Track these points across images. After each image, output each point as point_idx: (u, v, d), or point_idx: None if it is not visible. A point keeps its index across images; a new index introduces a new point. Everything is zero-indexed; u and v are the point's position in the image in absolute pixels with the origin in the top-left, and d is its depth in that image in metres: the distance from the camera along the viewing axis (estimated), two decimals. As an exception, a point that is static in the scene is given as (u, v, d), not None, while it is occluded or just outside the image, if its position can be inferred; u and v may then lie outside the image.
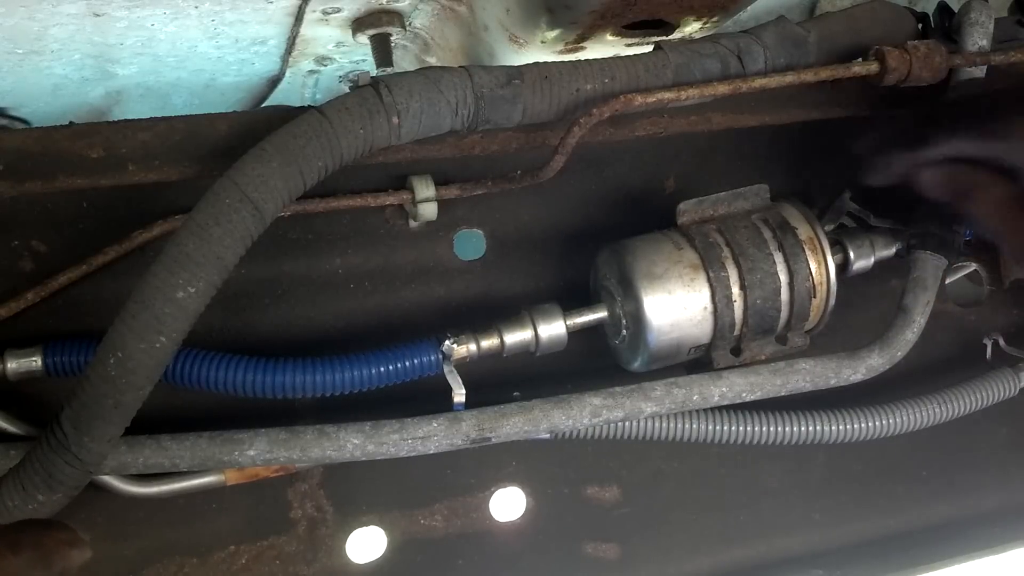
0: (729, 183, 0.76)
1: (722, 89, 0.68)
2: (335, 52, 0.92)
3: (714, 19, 0.79)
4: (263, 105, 1.03)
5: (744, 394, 0.75)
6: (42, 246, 0.70)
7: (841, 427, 0.82)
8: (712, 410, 0.80)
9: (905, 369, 0.79)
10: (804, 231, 0.75)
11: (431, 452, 0.70)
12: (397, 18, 0.83)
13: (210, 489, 0.74)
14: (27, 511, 0.58)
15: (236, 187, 0.58)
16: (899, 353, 0.77)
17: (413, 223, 0.77)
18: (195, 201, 0.58)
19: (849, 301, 0.78)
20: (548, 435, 0.74)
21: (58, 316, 0.71)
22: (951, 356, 0.95)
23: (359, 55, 0.93)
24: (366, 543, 0.82)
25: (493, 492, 0.85)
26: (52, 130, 0.63)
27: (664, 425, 0.79)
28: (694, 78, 0.69)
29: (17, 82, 0.86)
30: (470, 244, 0.81)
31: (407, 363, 0.72)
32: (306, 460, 0.69)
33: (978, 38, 0.75)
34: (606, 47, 0.81)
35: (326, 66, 0.96)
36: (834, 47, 0.74)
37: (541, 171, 0.69)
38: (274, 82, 0.98)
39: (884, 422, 0.83)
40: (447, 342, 0.72)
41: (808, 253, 0.74)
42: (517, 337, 0.73)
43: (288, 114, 0.63)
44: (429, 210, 0.73)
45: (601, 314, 0.76)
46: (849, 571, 0.93)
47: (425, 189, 0.72)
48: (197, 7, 0.74)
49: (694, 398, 0.74)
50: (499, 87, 0.65)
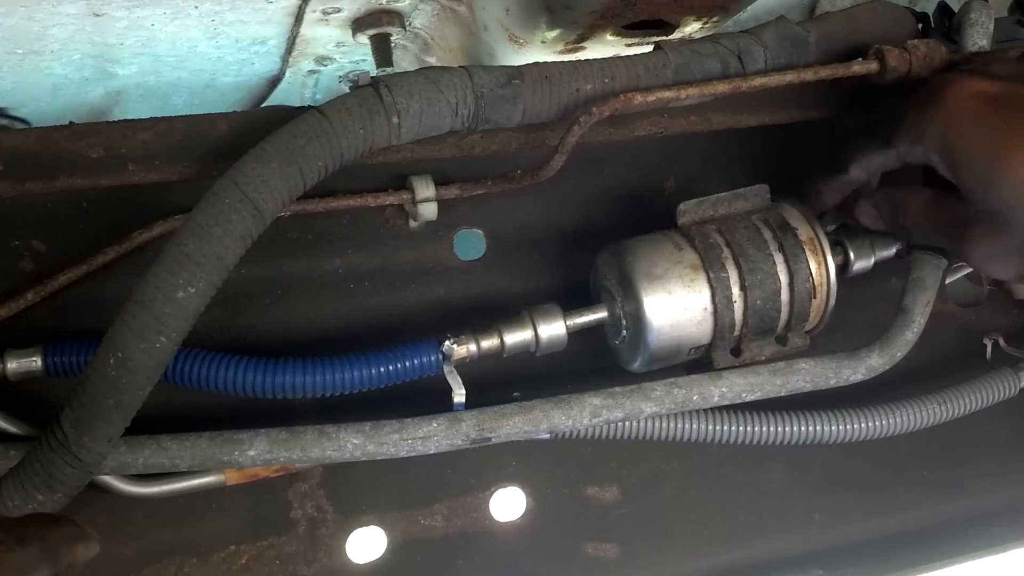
0: (729, 183, 0.76)
1: (722, 89, 0.68)
2: (335, 52, 0.92)
3: (714, 19, 0.79)
4: (263, 105, 1.03)
5: (744, 394, 0.75)
6: (42, 246, 0.70)
7: (841, 427, 0.82)
8: (712, 410, 0.80)
9: (905, 369, 0.79)
10: (804, 231, 0.75)
11: (431, 452, 0.70)
12: (397, 18, 0.83)
13: (210, 489, 0.74)
14: (27, 511, 0.58)
15: (236, 187, 0.58)
16: (899, 353, 0.77)
17: (413, 223, 0.77)
18: (195, 201, 0.58)
19: (849, 301, 0.78)
20: (548, 435, 0.74)
21: (58, 316, 0.71)
22: (951, 356, 0.95)
23: (359, 55, 0.93)
24: (366, 543, 0.82)
25: (493, 492, 0.85)
26: (52, 130, 0.63)
27: (664, 425, 0.79)
28: (694, 78, 0.69)
29: (17, 82, 0.86)
30: (470, 244, 0.81)
31: (407, 363, 0.72)
32: (306, 460, 0.69)
33: (978, 38, 0.75)
34: (606, 47, 0.81)
35: (326, 66, 0.96)
36: (834, 47, 0.74)
37: (541, 171, 0.69)
38: (274, 82, 0.98)
39: (884, 422, 0.83)
40: (447, 342, 0.72)
41: (808, 253, 0.74)
42: (517, 337, 0.73)
43: (288, 114, 0.63)
44: (429, 210, 0.73)
45: (601, 314, 0.76)
46: (849, 571, 0.93)
47: (425, 189, 0.72)
48: (197, 7, 0.74)
49: (694, 398, 0.74)
50: (499, 87, 0.65)
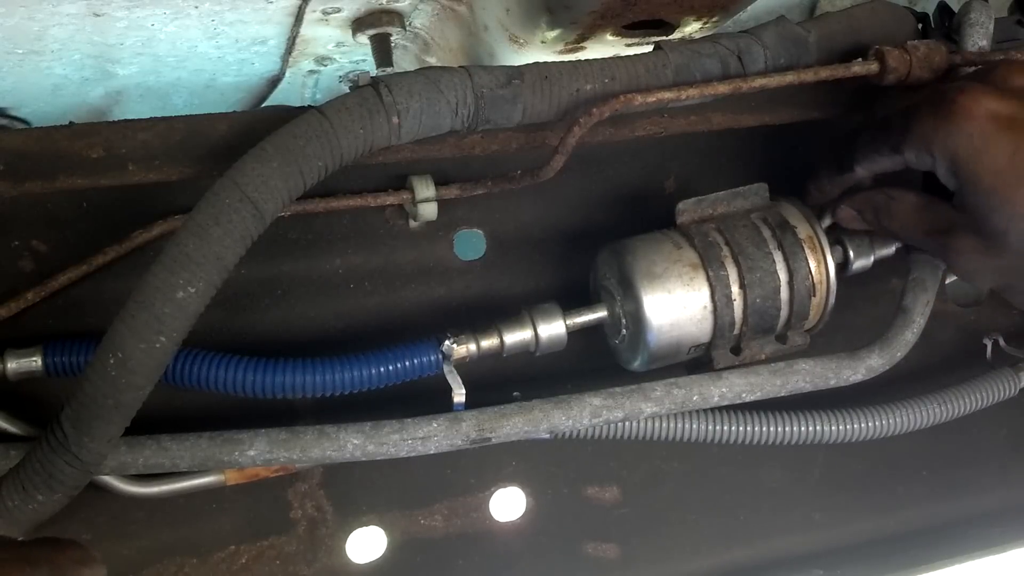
0: (729, 183, 0.76)
1: (722, 89, 0.68)
2: (335, 52, 0.92)
3: (714, 19, 0.79)
4: (263, 105, 1.03)
5: (744, 394, 0.75)
6: (42, 246, 0.70)
7: (841, 427, 0.82)
8: (712, 410, 0.80)
9: (905, 369, 0.79)
10: (803, 230, 0.75)
11: (431, 452, 0.70)
12: (397, 18, 0.83)
13: (210, 489, 0.74)
14: (27, 511, 0.58)
15: (236, 187, 0.58)
16: (899, 353, 0.77)
17: (413, 223, 0.77)
18: (195, 201, 0.58)
19: (849, 301, 0.78)
20: (548, 435, 0.74)
21: (58, 316, 0.71)
22: (951, 356, 0.95)
23: (359, 55, 0.93)
24: (366, 543, 0.82)
25: (493, 492, 0.85)
26: (52, 130, 0.63)
27: (664, 425, 0.79)
28: (694, 78, 0.69)
29: (17, 82, 0.86)
30: (470, 244, 0.81)
31: (407, 363, 0.72)
32: (306, 460, 0.69)
33: (978, 38, 0.75)
34: (606, 47, 0.81)
35: (326, 66, 0.96)
36: (834, 47, 0.74)
37: (541, 171, 0.69)
38: (274, 82, 0.98)
39: (884, 422, 0.82)
40: (447, 342, 0.72)
41: (807, 252, 0.74)
42: (517, 337, 0.73)
43: (288, 114, 0.63)
44: (429, 210, 0.73)
45: (601, 314, 0.76)
46: (849, 571, 0.93)
47: (425, 189, 0.72)
48: (197, 7, 0.74)
49: (694, 398, 0.74)
50: (499, 87, 0.65)
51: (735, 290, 0.72)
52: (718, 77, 0.69)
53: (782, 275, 0.73)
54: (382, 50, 0.85)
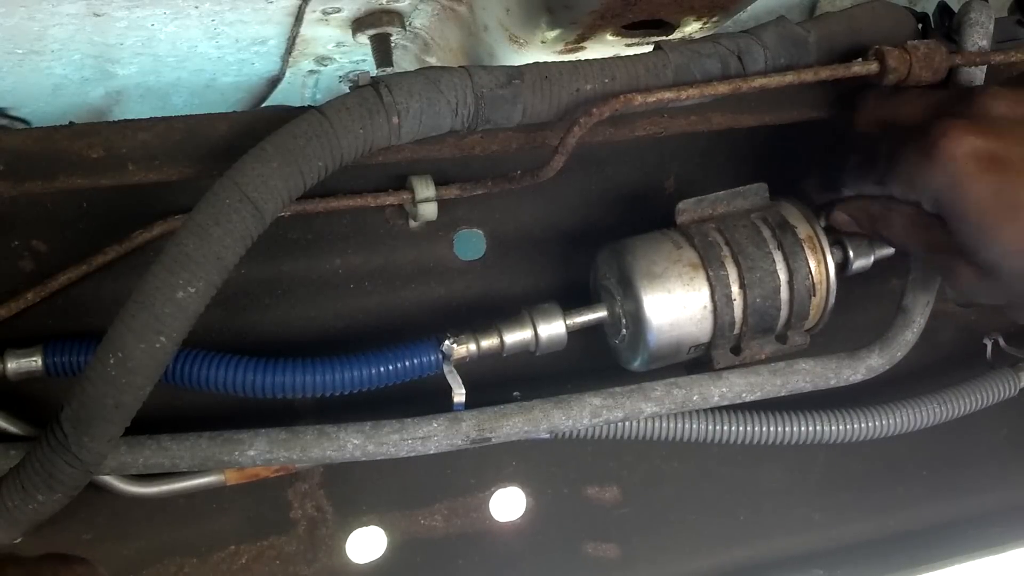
0: (729, 183, 0.76)
1: (722, 89, 0.68)
2: (335, 52, 0.92)
3: (714, 19, 0.79)
4: (263, 105, 1.03)
5: (744, 394, 0.75)
6: (42, 246, 0.70)
7: (841, 427, 0.82)
8: (712, 410, 0.80)
9: (905, 369, 0.79)
10: (803, 230, 0.75)
11: (431, 452, 0.70)
12: (397, 18, 0.83)
13: (210, 489, 0.74)
14: (27, 511, 0.58)
15: (236, 187, 0.58)
16: (899, 353, 0.77)
17: (413, 223, 0.77)
18: (195, 201, 0.58)
19: (849, 301, 0.78)
20: (548, 435, 0.74)
21: (58, 316, 0.71)
22: (951, 356, 0.95)
23: (359, 55, 0.93)
24: (366, 543, 0.82)
25: (493, 492, 0.85)
26: (52, 130, 0.63)
27: (664, 425, 0.79)
28: (694, 78, 0.69)
29: (17, 82, 0.86)
30: (470, 244, 0.81)
31: (407, 363, 0.72)
32: (306, 460, 0.69)
33: (978, 38, 0.75)
34: (606, 47, 0.81)
35: (326, 66, 0.96)
36: (834, 47, 0.74)
37: (541, 171, 0.69)
38: (274, 82, 0.98)
39: (884, 422, 0.83)
40: (447, 342, 0.72)
41: (807, 251, 0.74)
42: (517, 337, 0.73)
43: (288, 114, 0.63)
44: (429, 210, 0.73)
45: (601, 314, 0.76)
46: (849, 571, 0.94)
47: (425, 189, 0.72)
48: (197, 7, 0.74)
49: (694, 398, 0.74)
50: (499, 87, 0.65)
51: (735, 290, 0.72)
52: (718, 77, 0.69)
53: (782, 275, 0.73)
54: (382, 50, 0.85)
